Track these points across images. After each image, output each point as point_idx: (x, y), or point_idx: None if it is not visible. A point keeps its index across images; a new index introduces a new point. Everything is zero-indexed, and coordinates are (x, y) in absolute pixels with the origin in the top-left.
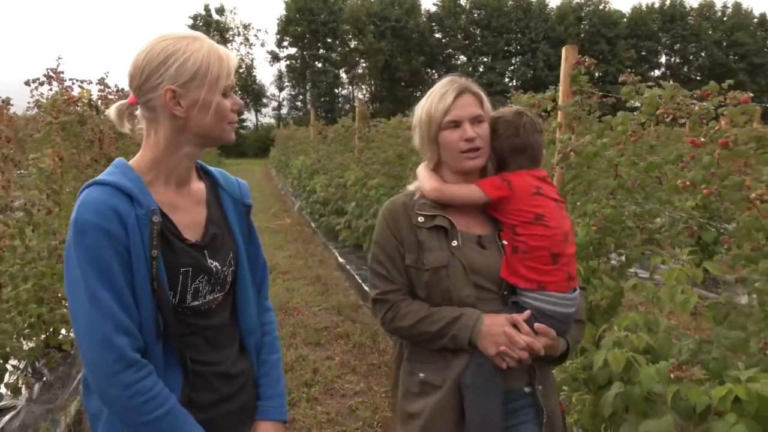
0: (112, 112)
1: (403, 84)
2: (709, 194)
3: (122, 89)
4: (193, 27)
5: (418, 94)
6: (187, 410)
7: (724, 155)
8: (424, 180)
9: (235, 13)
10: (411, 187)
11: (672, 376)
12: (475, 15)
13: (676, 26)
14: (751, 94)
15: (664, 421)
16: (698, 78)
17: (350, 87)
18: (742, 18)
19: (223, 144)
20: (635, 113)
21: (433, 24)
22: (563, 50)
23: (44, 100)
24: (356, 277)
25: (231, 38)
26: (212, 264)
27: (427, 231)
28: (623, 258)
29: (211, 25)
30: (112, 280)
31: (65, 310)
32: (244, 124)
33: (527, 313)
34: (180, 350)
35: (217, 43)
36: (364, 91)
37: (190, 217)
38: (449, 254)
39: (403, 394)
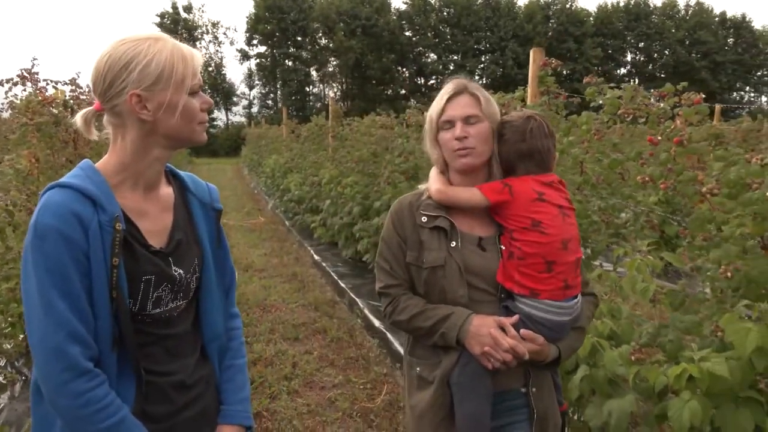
0: (78, 119)
1: (374, 82)
2: (665, 189)
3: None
4: (161, 25)
5: (389, 92)
6: (140, 422)
7: (679, 152)
8: (431, 181)
9: (203, 11)
10: (421, 187)
11: (633, 358)
12: (445, 13)
13: (640, 25)
14: (703, 96)
15: (626, 400)
16: (662, 76)
17: (321, 85)
18: (704, 17)
19: (194, 145)
20: (599, 112)
21: (403, 22)
22: (531, 52)
23: (18, 101)
24: (332, 274)
25: (199, 36)
26: (176, 271)
27: (429, 231)
28: (589, 251)
29: (179, 23)
30: (68, 288)
31: None
32: (215, 123)
33: (515, 317)
34: (135, 361)
35: (185, 41)
36: (335, 89)
37: (156, 223)
38: (447, 254)
39: (407, 386)
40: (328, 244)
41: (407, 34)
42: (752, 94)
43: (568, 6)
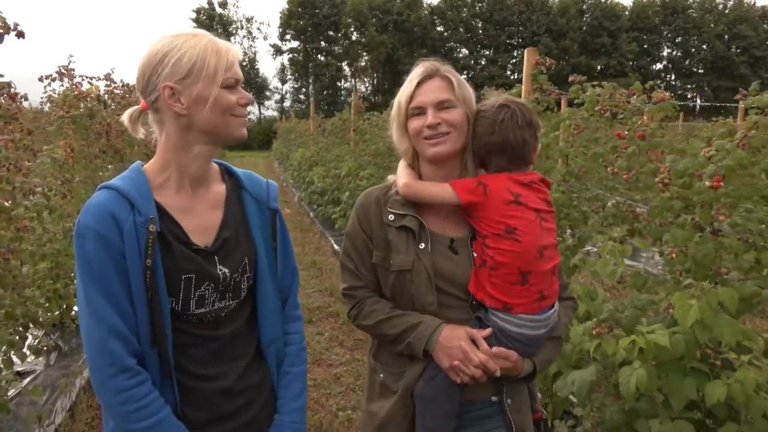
0: (125, 118)
1: (405, 77)
2: (628, 179)
3: (127, 84)
4: (197, 20)
5: None
6: (182, 423)
7: (642, 146)
8: (399, 175)
9: (237, 7)
10: (390, 179)
11: (594, 332)
12: (477, 8)
13: (677, 19)
14: (668, 95)
15: (588, 371)
16: (700, 71)
17: (353, 80)
18: (744, 11)
19: (233, 141)
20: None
21: (435, 17)
22: (525, 52)
23: (56, 96)
24: None
25: (234, 31)
26: (221, 270)
27: (396, 230)
28: (576, 238)
29: (214, 18)
30: (107, 286)
31: None
32: (248, 116)
33: (488, 330)
34: (177, 362)
35: (220, 36)
36: (367, 84)
37: (202, 221)
38: (415, 258)
39: (368, 391)
40: None
41: (439, 29)
42: None
43: (602, 0)
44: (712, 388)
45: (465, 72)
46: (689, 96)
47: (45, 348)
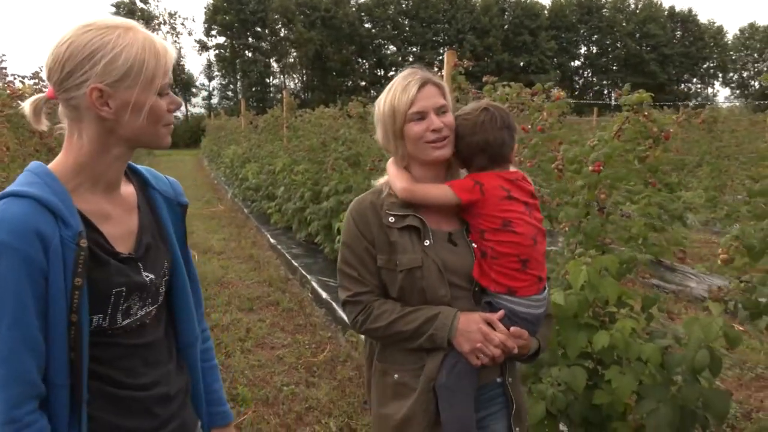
0: (27, 106)
1: (334, 73)
2: (531, 166)
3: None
4: (116, 15)
5: (350, 83)
6: None
7: (542, 138)
8: (394, 178)
9: (159, 1)
10: (378, 183)
11: None
12: (403, 5)
13: (593, 18)
14: (563, 92)
15: None
16: (615, 68)
17: (281, 76)
18: (653, 11)
19: (157, 148)
20: None
21: (363, 14)
22: (445, 55)
23: None
24: (286, 255)
25: (157, 27)
26: (147, 277)
27: (399, 231)
28: None
29: (135, 13)
30: (20, 316)
31: None
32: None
33: (501, 312)
34: (109, 377)
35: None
36: (296, 81)
37: (121, 227)
38: (423, 254)
39: (377, 394)
40: (283, 229)
41: (366, 26)
42: (698, 86)
43: None
44: (598, 337)
45: (393, 69)
46: (605, 92)
47: None
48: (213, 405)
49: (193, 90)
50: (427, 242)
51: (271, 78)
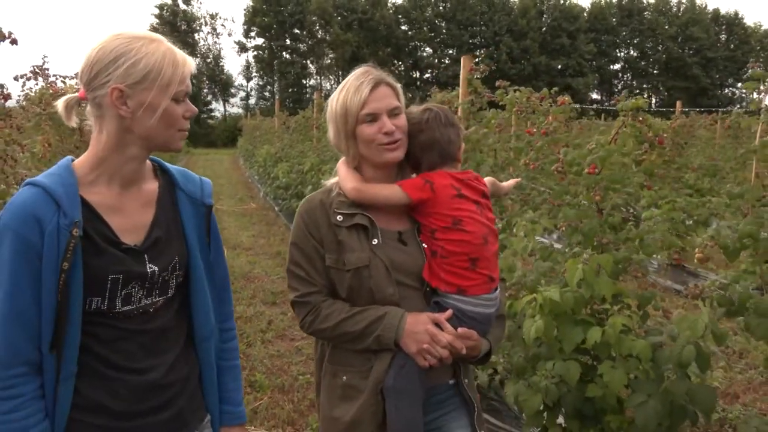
0: (59, 104)
1: None
2: (533, 168)
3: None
4: (160, 17)
5: None
6: (104, 417)
7: (546, 141)
8: (343, 178)
9: (201, 3)
10: (328, 183)
11: (507, 294)
12: (440, 7)
13: (633, 21)
14: (569, 99)
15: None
16: (655, 71)
17: (318, 78)
18: (696, 13)
19: (169, 151)
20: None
21: (399, 16)
22: (462, 59)
23: (32, 94)
24: None
25: (198, 28)
26: (150, 268)
27: (347, 230)
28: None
29: (177, 14)
30: (13, 291)
31: None
32: (213, 114)
33: (449, 312)
34: (105, 356)
35: (184, 33)
36: (332, 82)
37: (132, 220)
38: (370, 253)
39: (327, 396)
40: None
41: (403, 28)
42: (743, 91)
43: (561, 1)
44: (591, 333)
45: (429, 71)
46: (645, 96)
47: None
48: (227, 404)
49: (232, 90)
50: (375, 241)
51: (308, 79)
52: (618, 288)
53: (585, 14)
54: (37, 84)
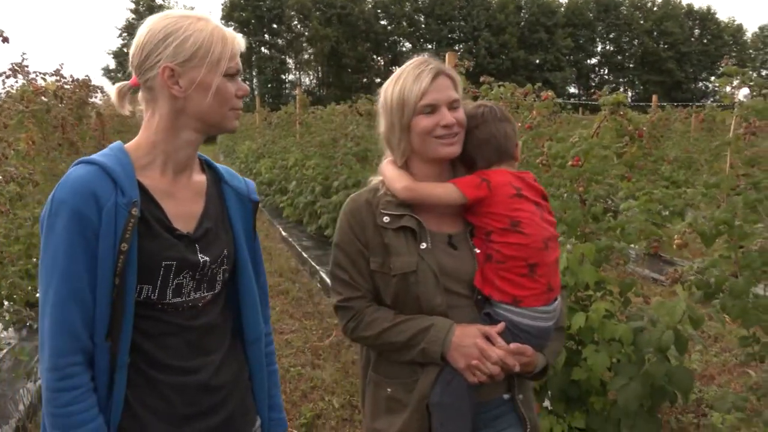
0: (113, 92)
1: (349, 70)
2: (518, 162)
3: (77, 79)
4: (136, 11)
5: (365, 80)
6: (156, 421)
7: (530, 135)
8: (392, 178)
9: None
10: (374, 181)
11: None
12: (419, 2)
13: (610, 16)
14: (551, 93)
15: None
16: (631, 66)
17: (297, 73)
18: (671, 9)
19: (224, 132)
20: None
21: (378, 11)
22: (446, 56)
23: (13, 92)
24: (297, 247)
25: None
26: (202, 258)
27: (394, 232)
28: None
29: (153, 9)
30: (71, 269)
31: None
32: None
33: (501, 325)
34: (151, 355)
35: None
36: (311, 77)
37: (184, 208)
38: (418, 258)
39: (370, 406)
40: (295, 222)
41: (382, 23)
42: (716, 85)
43: None
44: (576, 318)
45: None
46: (621, 90)
47: (17, 321)
48: (272, 410)
49: None
50: (423, 245)
51: (287, 74)
52: (601, 275)
53: (562, 9)
54: (17, 81)
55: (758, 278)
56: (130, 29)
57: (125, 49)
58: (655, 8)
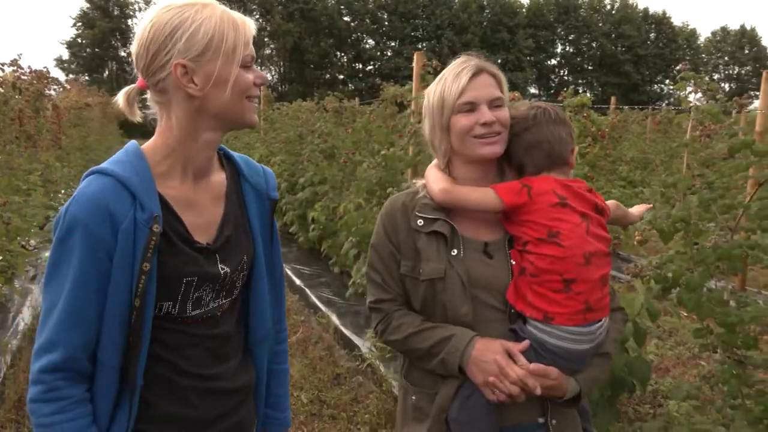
0: (120, 99)
1: (312, 66)
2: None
3: (35, 70)
4: (91, 1)
5: (327, 76)
6: (177, 430)
7: None
8: (432, 180)
9: None
10: (416, 183)
11: None
12: (383, 0)
13: (569, 18)
14: (517, 95)
15: None
16: (590, 67)
17: (259, 68)
18: (628, 12)
19: (245, 126)
20: None
21: (342, 7)
22: (414, 55)
23: None
24: None
25: (132, 13)
26: (222, 269)
27: (426, 236)
28: None
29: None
30: (78, 291)
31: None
32: (148, 104)
33: (526, 343)
34: (174, 364)
35: (117, 19)
36: (273, 73)
37: (204, 216)
38: (447, 265)
39: (401, 414)
40: None
41: (345, 19)
42: (671, 87)
43: None
44: None
45: (371, 62)
46: (581, 91)
47: None
48: (273, 409)
49: None
50: (454, 252)
51: None
52: None
53: (524, 10)
54: None
55: (712, 273)
56: (85, 18)
57: (80, 39)
58: (613, 11)
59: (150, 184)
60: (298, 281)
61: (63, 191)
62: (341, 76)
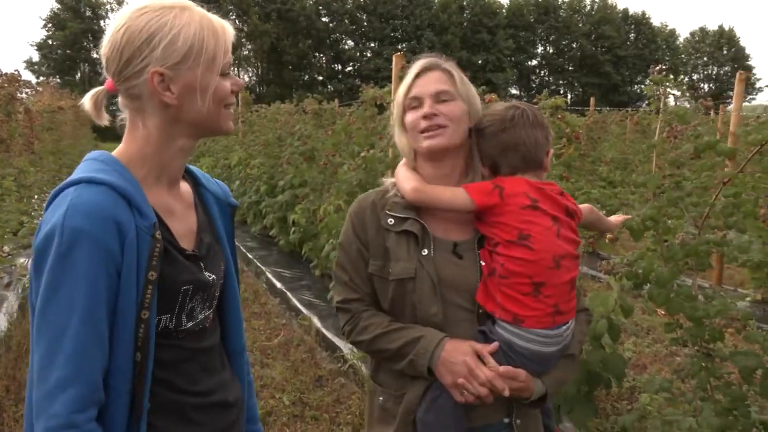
0: (87, 102)
1: (290, 67)
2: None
3: (7, 73)
4: (62, 2)
5: (306, 77)
6: None
7: None
8: (402, 179)
9: None
10: (386, 182)
11: None
12: (361, 0)
13: (550, 18)
14: (495, 96)
15: None
16: (570, 68)
17: (236, 70)
18: (608, 13)
19: (221, 134)
20: None
21: (320, 7)
22: (393, 57)
23: None
24: (241, 248)
25: (104, 14)
26: (210, 276)
27: (396, 236)
28: None
29: (81, 0)
30: (93, 310)
31: None
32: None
33: (495, 345)
34: (169, 382)
35: (89, 20)
36: (251, 74)
37: (184, 224)
38: (417, 264)
39: (368, 415)
40: (239, 222)
41: (324, 19)
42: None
43: None
44: None
45: (350, 63)
46: (561, 92)
47: None
48: (249, 422)
49: None
50: (425, 251)
51: None
52: None
53: (504, 11)
54: None
55: (681, 269)
56: (55, 20)
57: (50, 41)
58: (593, 12)
59: (141, 191)
60: (279, 284)
61: (36, 196)
62: (320, 78)
